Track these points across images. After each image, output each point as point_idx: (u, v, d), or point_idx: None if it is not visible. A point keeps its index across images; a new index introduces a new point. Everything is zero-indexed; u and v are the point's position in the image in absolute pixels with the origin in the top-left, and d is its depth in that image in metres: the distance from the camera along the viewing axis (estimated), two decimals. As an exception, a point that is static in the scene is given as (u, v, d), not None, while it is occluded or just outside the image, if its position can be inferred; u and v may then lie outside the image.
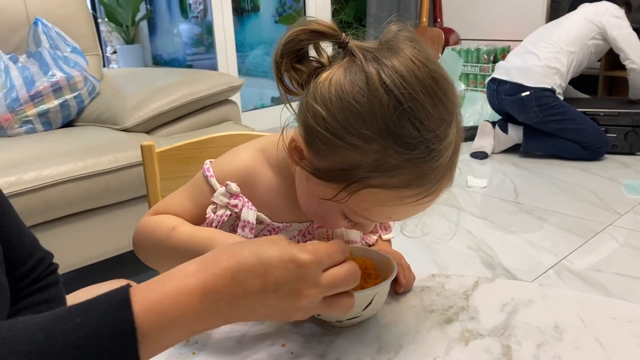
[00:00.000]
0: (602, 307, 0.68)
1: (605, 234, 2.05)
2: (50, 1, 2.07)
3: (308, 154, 0.59)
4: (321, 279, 0.51)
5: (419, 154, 0.53)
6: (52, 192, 1.48)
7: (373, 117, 0.53)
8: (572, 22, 2.94)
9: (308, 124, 0.57)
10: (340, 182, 0.56)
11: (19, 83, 1.83)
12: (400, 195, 0.56)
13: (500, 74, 3.01)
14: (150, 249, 0.71)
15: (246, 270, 0.49)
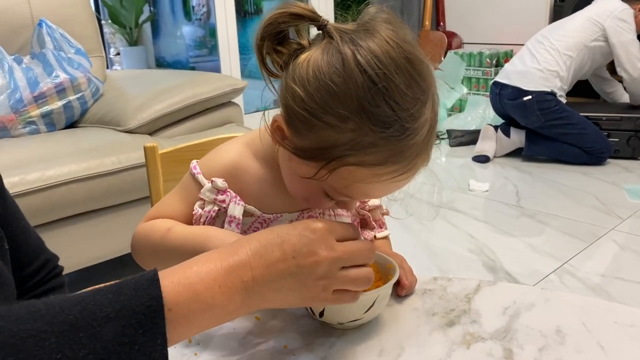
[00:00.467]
0: (604, 312, 0.68)
1: (607, 238, 2.05)
2: (55, 2, 2.08)
3: (289, 133, 0.60)
4: (336, 245, 0.55)
5: (394, 132, 0.55)
6: (56, 193, 1.48)
7: (349, 97, 0.54)
8: (574, 24, 2.92)
9: (288, 105, 0.58)
10: (320, 161, 0.58)
11: (23, 84, 1.84)
12: (377, 173, 0.57)
13: (502, 77, 3.01)
14: (148, 253, 0.71)
15: (265, 244, 0.53)
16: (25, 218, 0.73)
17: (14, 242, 0.67)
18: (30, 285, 0.73)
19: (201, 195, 0.70)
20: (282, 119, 0.60)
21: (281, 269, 0.52)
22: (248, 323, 0.68)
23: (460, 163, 3.07)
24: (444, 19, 4.33)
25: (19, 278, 0.69)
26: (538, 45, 2.94)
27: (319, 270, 0.53)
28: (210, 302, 0.49)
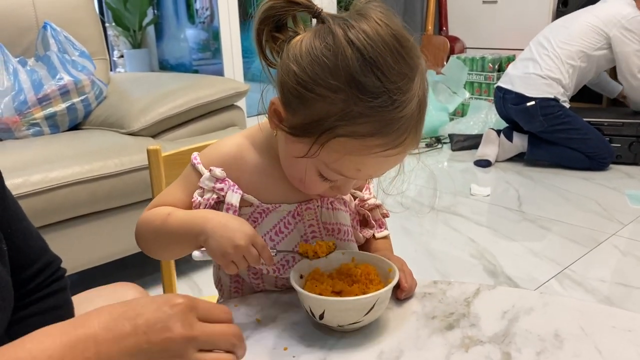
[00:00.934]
0: (602, 316, 0.68)
1: (608, 243, 2.05)
2: (59, 5, 2.09)
3: (284, 113, 0.64)
4: (195, 323, 0.50)
5: (382, 102, 0.58)
6: (58, 195, 1.49)
7: (339, 69, 0.58)
8: (578, 29, 2.86)
9: (283, 82, 0.62)
10: (312, 135, 0.60)
11: (27, 86, 1.85)
12: (367, 144, 0.59)
13: (505, 82, 3.01)
14: (150, 238, 0.74)
15: (116, 317, 0.49)
16: (27, 219, 0.73)
17: (14, 244, 0.67)
18: (32, 287, 0.72)
19: (200, 183, 0.72)
20: (278, 101, 0.64)
21: (130, 344, 0.48)
22: (249, 325, 0.68)
23: (462, 167, 3.07)
24: (446, 23, 4.34)
25: (19, 280, 0.69)
26: (541, 50, 2.92)
27: (172, 349, 0.48)
28: None
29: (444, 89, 3.80)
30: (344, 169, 0.63)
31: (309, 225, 0.75)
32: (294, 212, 0.74)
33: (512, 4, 3.93)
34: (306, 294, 0.63)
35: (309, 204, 0.74)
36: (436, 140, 3.53)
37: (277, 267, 0.74)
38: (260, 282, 0.77)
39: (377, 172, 0.66)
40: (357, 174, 0.64)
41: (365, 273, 0.69)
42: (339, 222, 0.76)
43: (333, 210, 0.76)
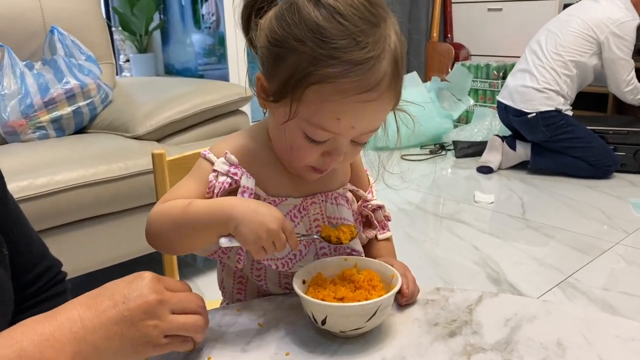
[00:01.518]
0: (605, 325, 0.68)
1: (612, 252, 2.04)
2: (67, 10, 2.11)
3: (266, 84, 0.67)
4: (164, 291, 0.58)
5: (347, 44, 0.60)
6: (63, 198, 1.50)
7: (302, 21, 0.62)
8: (568, 39, 2.82)
9: (260, 48, 0.66)
10: (289, 94, 0.63)
11: (34, 90, 1.86)
12: (340, 88, 0.61)
13: (505, 97, 2.98)
14: (166, 230, 0.70)
15: (94, 296, 0.56)
16: (28, 224, 0.73)
17: (15, 248, 0.68)
18: (32, 291, 0.73)
19: (215, 167, 0.72)
20: (262, 74, 0.68)
21: (112, 315, 0.54)
22: (251, 330, 0.69)
23: (466, 174, 3.07)
24: (451, 30, 4.35)
25: (20, 284, 0.69)
26: (537, 61, 2.89)
27: (149, 312, 0.55)
28: (39, 356, 0.50)
29: (449, 96, 3.81)
30: (324, 120, 0.63)
31: (314, 219, 0.76)
32: (299, 206, 0.74)
33: (517, 12, 3.94)
34: (308, 300, 0.63)
35: (314, 198, 0.75)
36: (440, 147, 3.53)
37: (283, 261, 0.74)
38: (263, 284, 0.77)
39: (358, 123, 0.64)
40: (339, 125, 0.63)
41: (367, 279, 0.69)
42: (342, 217, 0.77)
43: (337, 205, 0.77)
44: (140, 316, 0.55)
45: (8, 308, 0.65)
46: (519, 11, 3.92)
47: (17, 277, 0.68)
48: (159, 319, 0.56)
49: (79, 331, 0.52)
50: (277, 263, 0.73)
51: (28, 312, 0.70)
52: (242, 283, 0.80)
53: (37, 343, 0.50)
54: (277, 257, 0.73)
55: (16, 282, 0.68)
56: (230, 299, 0.82)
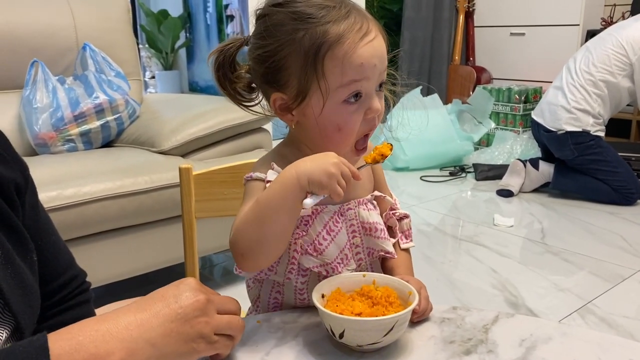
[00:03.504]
0: (620, 349, 0.68)
1: (633, 280, 2.02)
2: (99, 28, 2.18)
3: (284, 95, 0.73)
4: (209, 292, 0.62)
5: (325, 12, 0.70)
6: (90, 209, 1.54)
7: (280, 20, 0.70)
8: (600, 58, 2.77)
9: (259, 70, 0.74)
10: (310, 80, 0.70)
11: (65, 103, 1.93)
12: (347, 42, 0.69)
13: (537, 114, 2.99)
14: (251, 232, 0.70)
15: (146, 300, 0.59)
16: (57, 233, 0.75)
17: (42, 256, 0.69)
18: (57, 299, 0.74)
19: (268, 177, 0.74)
20: (275, 94, 0.74)
21: (166, 313, 0.58)
22: (270, 342, 0.70)
23: (485, 197, 3.06)
24: (473, 54, 4.37)
25: (45, 292, 0.71)
26: (569, 79, 2.86)
27: (201, 309, 0.59)
28: (94, 351, 0.53)
29: (470, 119, 3.81)
30: (352, 72, 0.69)
31: (350, 225, 0.79)
32: (338, 212, 0.78)
33: (540, 37, 3.95)
34: (327, 313, 0.65)
35: (349, 204, 0.79)
36: (460, 169, 3.53)
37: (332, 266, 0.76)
38: (306, 296, 0.80)
39: (375, 59, 0.71)
40: (364, 69, 0.70)
41: (385, 295, 0.71)
42: (375, 221, 0.80)
43: (368, 210, 0.80)
44: (193, 313, 0.58)
45: (35, 312, 0.67)
46: (542, 36, 3.93)
47: (43, 285, 0.69)
48: (208, 316, 0.59)
49: (135, 329, 0.55)
50: (327, 268, 0.76)
51: (52, 320, 0.72)
52: (278, 301, 0.81)
53: (93, 338, 0.53)
54: (326, 263, 0.75)
55: (42, 289, 0.69)
56: None
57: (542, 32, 3.93)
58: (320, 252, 0.75)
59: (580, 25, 3.75)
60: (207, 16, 6.14)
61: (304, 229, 0.75)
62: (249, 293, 0.87)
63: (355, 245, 0.80)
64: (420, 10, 4.29)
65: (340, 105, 0.71)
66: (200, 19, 6.25)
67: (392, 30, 4.72)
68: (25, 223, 0.67)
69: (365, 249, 0.81)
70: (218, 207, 0.98)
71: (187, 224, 1.00)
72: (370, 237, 0.81)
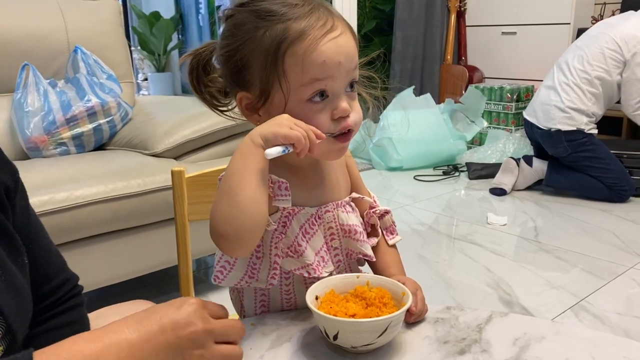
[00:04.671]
0: (614, 346, 0.69)
1: (626, 276, 2.03)
2: (90, 30, 2.18)
3: (249, 93, 0.73)
4: (210, 319, 0.59)
5: (287, 9, 0.69)
6: (82, 212, 1.54)
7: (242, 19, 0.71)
8: (594, 56, 2.78)
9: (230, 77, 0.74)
10: (273, 77, 0.69)
11: (56, 107, 1.92)
12: (309, 39, 0.67)
13: (529, 114, 3.00)
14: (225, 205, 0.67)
15: (142, 320, 0.56)
16: (48, 237, 0.75)
17: (33, 259, 0.69)
18: (48, 303, 0.73)
19: None
20: (240, 93, 0.74)
21: (160, 341, 0.55)
22: (264, 344, 0.70)
23: (479, 196, 3.07)
24: (465, 53, 4.38)
25: (37, 296, 0.70)
26: (562, 78, 2.87)
27: (197, 340, 0.57)
28: None
29: (462, 118, 3.83)
30: (314, 70, 0.68)
31: (328, 227, 0.79)
32: (315, 215, 0.77)
33: (531, 35, 3.97)
34: (321, 314, 0.65)
35: (327, 207, 0.78)
36: (454, 168, 3.54)
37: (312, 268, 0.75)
38: (292, 297, 0.80)
39: (340, 56, 0.69)
40: (327, 67, 0.68)
41: (379, 296, 0.71)
42: (354, 223, 0.80)
43: (347, 213, 0.80)
44: (187, 345, 0.56)
45: (27, 315, 0.67)
46: (533, 35, 3.95)
47: (35, 289, 0.69)
48: (204, 348, 0.57)
49: (125, 356, 0.53)
50: (308, 270, 0.75)
51: (44, 324, 0.72)
52: (265, 306, 0.81)
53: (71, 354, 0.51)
54: (306, 264, 0.75)
55: (33, 293, 0.68)
56: None
57: (533, 31, 3.95)
58: (300, 253, 0.75)
59: (571, 23, 3.77)
60: (200, 18, 6.12)
61: (282, 230, 0.75)
62: (233, 303, 0.86)
63: (334, 248, 0.80)
64: (412, 10, 4.30)
65: (304, 105, 0.69)
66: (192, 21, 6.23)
67: (384, 31, 4.72)
68: (16, 226, 0.66)
69: (343, 250, 0.81)
70: (211, 209, 0.98)
71: (180, 227, 1.00)
72: (349, 239, 0.80)
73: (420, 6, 4.30)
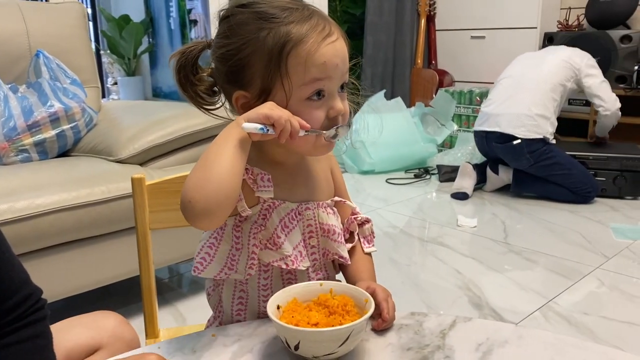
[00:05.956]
0: (576, 350, 0.69)
1: (592, 276, 2.07)
2: (53, 34, 2.12)
3: (247, 93, 0.74)
4: None
5: (288, 13, 0.72)
6: (44, 221, 1.49)
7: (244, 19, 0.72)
8: (552, 68, 2.95)
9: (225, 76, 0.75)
10: (275, 77, 0.71)
11: (17, 112, 1.86)
12: (310, 42, 0.71)
13: (490, 125, 2.98)
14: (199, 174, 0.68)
15: None
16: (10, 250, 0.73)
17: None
18: (11, 318, 0.71)
19: None
20: (237, 92, 0.74)
21: None
22: (225, 355, 0.69)
23: (449, 199, 3.10)
24: (435, 57, 4.43)
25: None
26: (523, 90, 2.94)
27: None
28: None
29: (433, 121, 3.86)
30: (314, 71, 0.71)
31: (307, 225, 0.80)
32: (295, 211, 0.79)
33: (499, 40, 4.03)
34: (281, 325, 0.64)
35: (307, 204, 0.80)
36: (425, 171, 3.57)
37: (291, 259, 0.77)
38: (270, 293, 0.79)
39: (337, 59, 0.73)
40: (327, 68, 0.72)
41: (342, 304, 0.70)
42: (333, 224, 0.82)
43: (327, 214, 0.82)
44: None
45: None
46: (501, 39, 4.01)
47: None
48: None
49: None
50: (286, 261, 0.76)
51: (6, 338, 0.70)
52: (243, 303, 0.81)
53: None
54: (285, 256, 0.76)
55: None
56: (228, 320, 0.82)
57: (502, 35, 4.01)
58: (279, 245, 0.76)
59: (537, 28, 3.84)
60: (171, 21, 6.06)
61: (262, 223, 0.76)
62: (210, 301, 0.87)
63: (312, 246, 0.81)
64: (382, 14, 4.32)
65: (303, 103, 0.72)
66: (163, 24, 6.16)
67: (355, 35, 4.74)
68: None
69: (320, 249, 0.82)
70: (174, 217, 0.95)
71: (141, 235, 0.97)
72: (327, 239, 0.82)
73: (390, 10, 4.33)
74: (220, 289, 0.83)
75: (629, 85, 3.49)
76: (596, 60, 3.01)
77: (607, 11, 3.63)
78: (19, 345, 0.71)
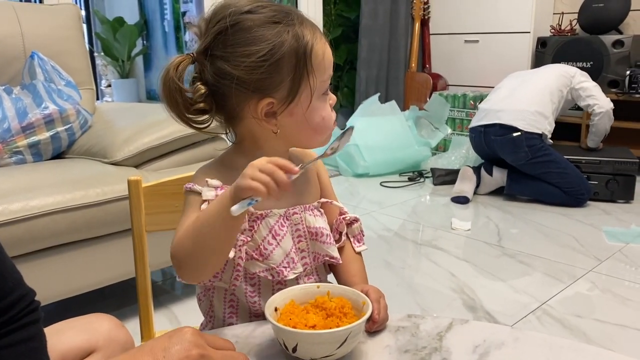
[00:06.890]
0: (571, 352, 0.70)
1: (585, 279, 2.08)
2: (48, 36, 2.12)
3: (274, 101, 0.74)
4: (208, 347, 0.57)
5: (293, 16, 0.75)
6: (38, 223, 1.48)
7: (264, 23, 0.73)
8: (548, 76, 3.05)
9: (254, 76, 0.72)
10: (303, 76, 0.74)
11: (12, 114, 1.85)
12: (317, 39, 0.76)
13: (490, 119, 3.02)
14: (191, 246, 0.70)
15: (135, 352, 0.56)
16: (3, 251, 0.73)
17: None
18: (4, 320, 0.71)
19: (203, 197, 0.74)
20: (264, 99, 0.74)
21: None
22: (223, 357, 0.69)
23: (443, 202, 3.11)
24: (429, 61, 4.44)
25: None
26: (525, 91, 3.01)
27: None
28: None
29: (427, 125, 3.87)
30: (329, 67, 0.78)
31: (296, 229, 0.80)
32: (284, 216, 0.79)
33: (493, 44, 4.06)
34: (279, 327, 0.64)
35: (295, 209, 0.80)
36: (419, 174, 3.58)
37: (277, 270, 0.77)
38: (257, 300, 0.79)
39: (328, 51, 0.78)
40: (331, 64, 0.78)
41: (339, 306, 0.70)
42: (321, 226, 0.82)
43: (314, 216, 0.82)
44: None
45: None
46: (495, 43, 4.04)
47: None
48: None
49: None
50: (272, 273, 0.77)
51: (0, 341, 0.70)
52: (234, 306, 0.81)
53: None
54: (271, 267, 0.77)
55: None
56: (220, 324, 0.82)
57: (495, 40, 4.04)
58: (266, 256, 0.76)
59: (531, 32, 3.87)
60: (165, 23, 6.05)
61: (249, 234, 0.76)
62: (200, 306, 0.86)
63: (301, 250, 0.81)
64: (377, 18, 4.34)
65: (322, 97, 0.77)
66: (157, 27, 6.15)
67: (349, 38, 4.75)
68: None
69: (310, 253, 0.83)
70: (170, 219, 0.95)
71: (137, 238, 0.97)
72: (316, 242, 0.82)
73: (385, 14, 4.34)
74: (211, 294, 0.83)
75: (621, 90, 3.53)
76: (588, 64, 3.12)
77: (600, 16, 3.66)
78: (12, 348, 0.70)
